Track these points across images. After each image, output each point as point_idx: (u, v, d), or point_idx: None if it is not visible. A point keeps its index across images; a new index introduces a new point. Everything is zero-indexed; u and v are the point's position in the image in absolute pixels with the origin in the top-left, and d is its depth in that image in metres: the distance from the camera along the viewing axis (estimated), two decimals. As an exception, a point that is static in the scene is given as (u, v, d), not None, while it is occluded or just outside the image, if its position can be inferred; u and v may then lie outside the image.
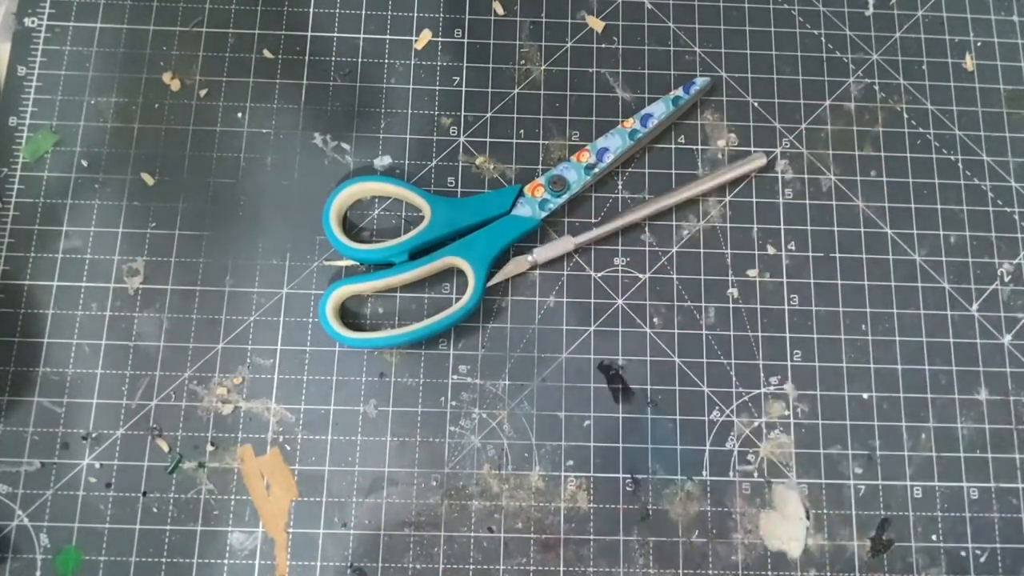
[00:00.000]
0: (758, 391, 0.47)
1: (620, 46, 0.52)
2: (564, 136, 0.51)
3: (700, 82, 0.50)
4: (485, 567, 0.44)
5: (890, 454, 0.47)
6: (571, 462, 0.46)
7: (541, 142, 0.50)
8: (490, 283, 0.47)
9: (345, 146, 0.50)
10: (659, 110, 0.49)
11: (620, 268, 0.49)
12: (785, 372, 0.48)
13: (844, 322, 0.48)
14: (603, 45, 0.52)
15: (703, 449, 0.46)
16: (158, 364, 0.47)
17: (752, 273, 0.49)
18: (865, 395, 0.47)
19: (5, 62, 0.50)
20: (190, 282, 0.48)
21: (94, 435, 0.45)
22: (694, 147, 0.51)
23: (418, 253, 0.47)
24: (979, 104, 0.52)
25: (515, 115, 0.51)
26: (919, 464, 0.47)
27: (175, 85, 0.51)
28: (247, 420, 0.46)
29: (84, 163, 0.49)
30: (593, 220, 0.49)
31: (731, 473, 0.46)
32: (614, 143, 0.49)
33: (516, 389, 0.47)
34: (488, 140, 0.50)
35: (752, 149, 0.51)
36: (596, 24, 0.53)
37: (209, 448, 0.46)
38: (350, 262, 0.48)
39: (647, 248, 0.49)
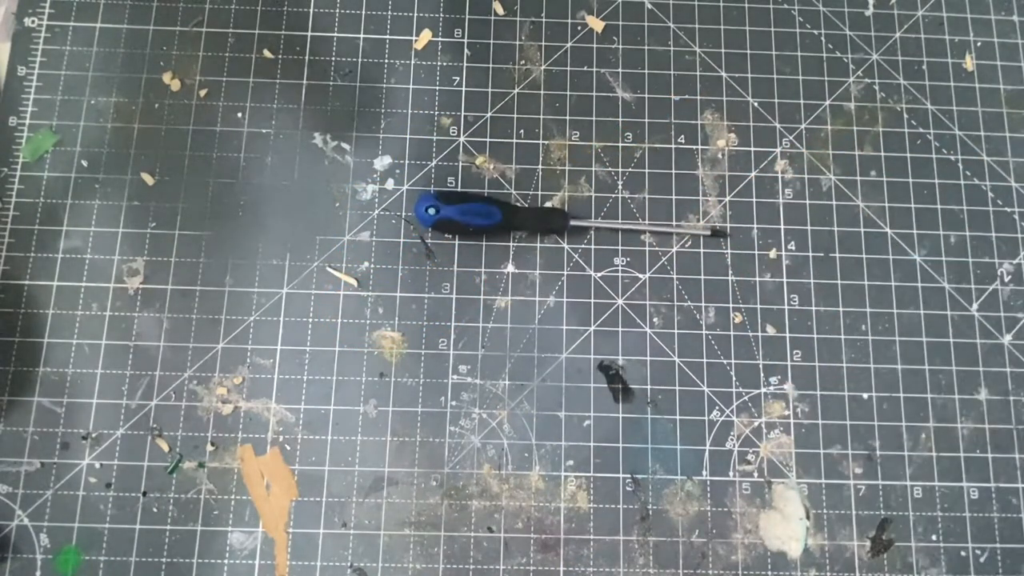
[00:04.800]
0: (758, 391, 0.47)
1: (620, 46, 0.52)
2: (564, 136, 0.51)
3: None
4: (485, 567, 0.44)
5: (890, 454, 0.47)
6: (571, 462, 0.46)
7: (541, 142, 0.50)
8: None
9: (345, 146, 0.50)
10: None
11: (620, 268, 0.49)
12: (785, 372, 0.48)
13: (844, 322, 0.48)
14: (603, 45, 0.52)
15: (703, 449, 0.46)
16: (158, 364, 0.47)
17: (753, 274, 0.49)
18: (865, 395, 0.47)
19: (5, 62, 0.50)
20: (190, 282, 0.48)
21: (94, 435, 0.45)
22: (694, 147, 0.51)
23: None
24: (979, 104, 0.52)
25: (515, 115, 0.51)
26: (919, 464, 0.47)
27: (175, 85, 0.51)
28: (247, 420, 0.46)
29: (84, 163, 0.49)
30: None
31: (731, 473, 0.46)
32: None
33: (516, 389, 0.47)
34: (488, 140, 0.50)
35: (752, 149, 0.51)
36: (596, 24, 0.53)
37: (209, 448, 0.46)
38: (352, 279, 0.48)
39: (647, 248, 0.49)
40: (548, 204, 0.50)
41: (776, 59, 0.52)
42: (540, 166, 0.50)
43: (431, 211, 0.47)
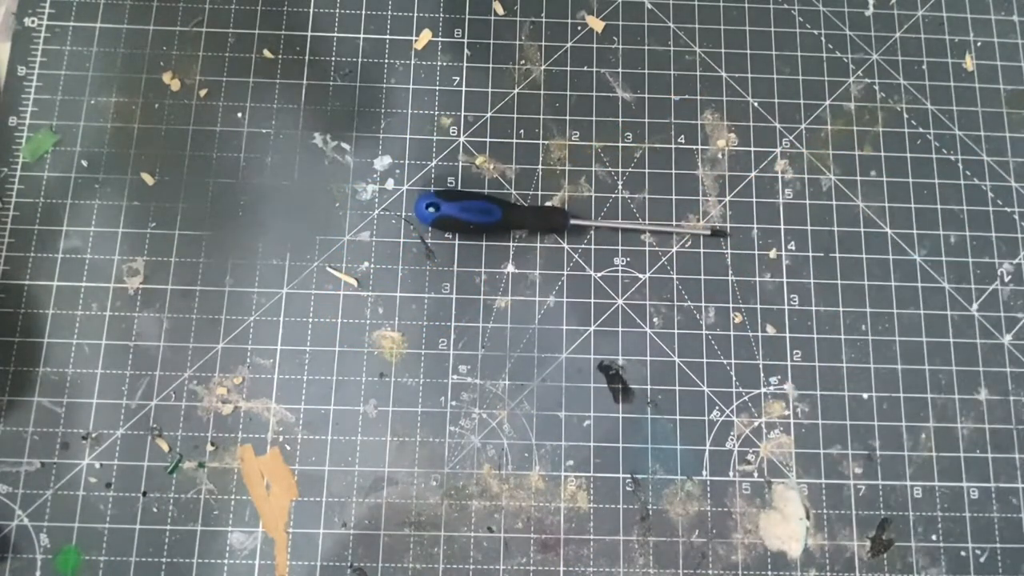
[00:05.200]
0: (758, 391, 0.47)
1: (620, 46, 0.52)
2: (564, 136, 0.51)
3: None
4: (485, 567, 0.44)
5: (890, 454, 0.47)
6: (571, 462, 0.46)
7: (541, 142, 0.50)
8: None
9: (345, 146, 0.50)
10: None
11: (620, 268, 0.49)
12: (785, 372, 0.48)
13: (844, 322, 0.48)
14: (603, 45, 0.52)
15: (703, 449, 0.46)
16: (158, 364, 0.47)
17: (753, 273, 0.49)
18: (865, 395, 0.47)
19: (5, 62, 0.50)
20: (190, 282, 0.48)
21: (94, 435, 0.45)
22: (694, 147, 0.51)
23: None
24: (979, 104, 0.52)
25: (515, 115, 0.51)
26: (919, 464, 0.47)
27: (175, 85, 0.51)
28: (247, 420, 0.46)
29: (84, 163, 0.49)
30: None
31: (731, 473, 0.46)
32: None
33: (516, 389, 0.47)
34: (488, 140, 0.50)
35: (752, 149, 0.51)
36: (596, 24, 0.53)
37: (209, 448, 0.46)
38: (352, 279, 0.48)
39: (647, 248, 0.49)
40: (548, 204, 0.50)
41: (776, 59, 0.52)
42: (540, 166, 0.50)
43: (431, 209, 0.46)
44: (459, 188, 0.50)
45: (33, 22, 0.51)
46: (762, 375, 0.48)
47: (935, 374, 0.48)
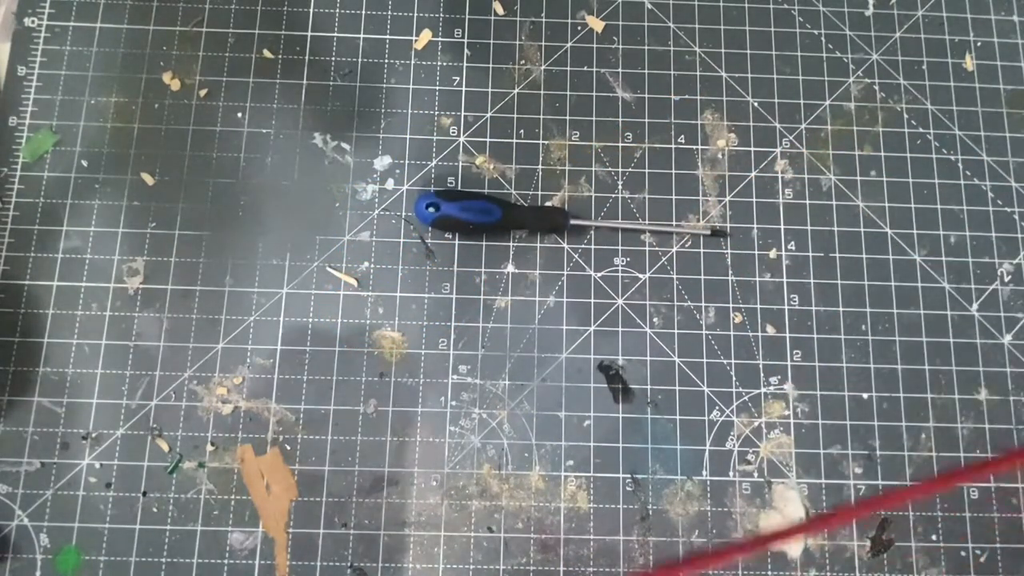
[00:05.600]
0: (758, 391, 0.47)
1: (620, 46, 0.52)
2: (564, 136, 0.51)
3: None
4: (485, 567, 0.44)
5: (890, 454, 0.47)
6: (571, 462, 0.46)
7: (541, 142, 0.50)
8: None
9: (345, 146, 0.50)
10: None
11: (620, 268, 0.49)
12: (785, 372, 0.48)
13: (844, 322, 0.48)
14: (603, 45, 0.52)
15: (703, 449, 0.46)
16: (158, 364, 0.47)
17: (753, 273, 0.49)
18: (865, 395, 0.47)
19: (5, 62, 0.50)
20: (190, 282, 0.48)
21: (94, 435, 0.45)
22: (694, 147, 0.51)
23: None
24: (979, 104, 0.52)
25: (515, 115, 0.51)
26: (919, 464, 0.47)
27: (175, 85, 0.51)
28: (247, 420, 0.46)
29: (84, 163, 0.49)
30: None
31: (731, 473, 0.46)
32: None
33: (516, 389, 0.47)
34: (488, 140, 0.50)
35: (752, 149, 0.51)
36: (596, 24, 0.53)
37: (209, 448, 0.46)
38: (352, 279, 0.48)
39: (647, 248, 0.49)
40: (548, 204, 0.50)
41: (776, 59, 0.52)
42: (540, 166, 0.50)
43: (431, 209, 0.46)
44: (459, 188, 0.50)
45: (33, 22, 0.51)
46: (762, 375, 0.48)
47: (935, 374, 0.48)
